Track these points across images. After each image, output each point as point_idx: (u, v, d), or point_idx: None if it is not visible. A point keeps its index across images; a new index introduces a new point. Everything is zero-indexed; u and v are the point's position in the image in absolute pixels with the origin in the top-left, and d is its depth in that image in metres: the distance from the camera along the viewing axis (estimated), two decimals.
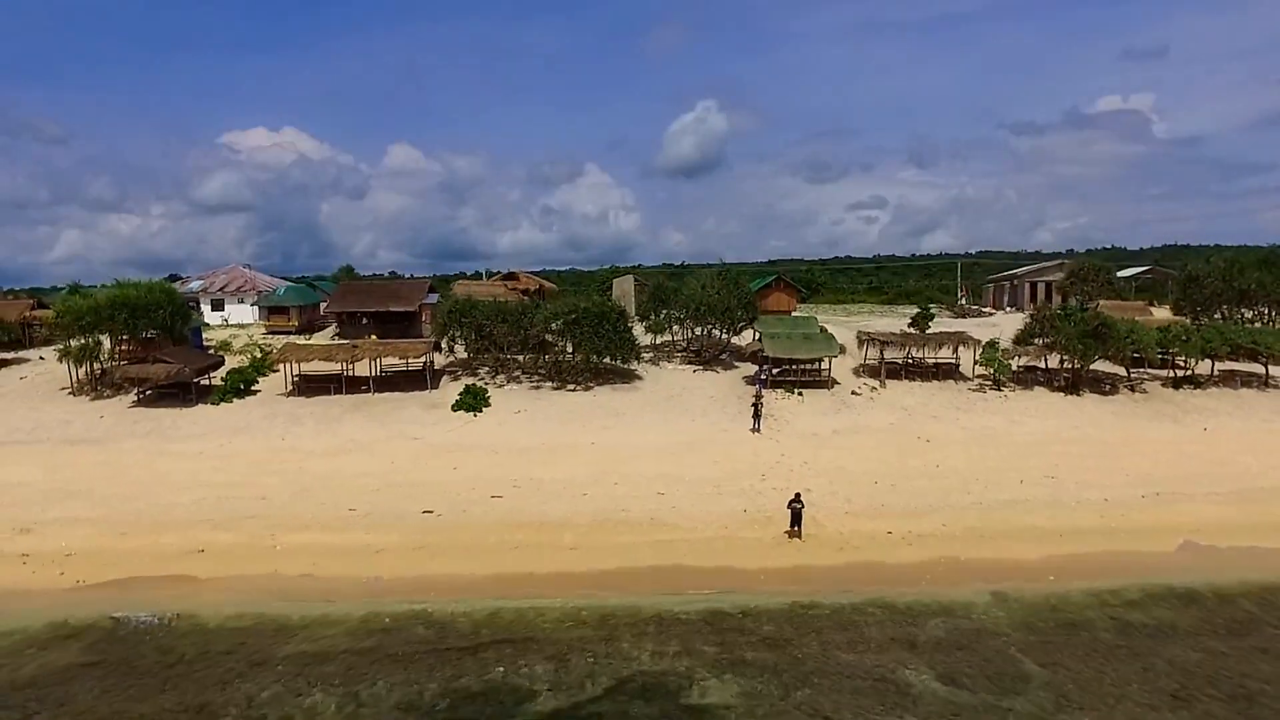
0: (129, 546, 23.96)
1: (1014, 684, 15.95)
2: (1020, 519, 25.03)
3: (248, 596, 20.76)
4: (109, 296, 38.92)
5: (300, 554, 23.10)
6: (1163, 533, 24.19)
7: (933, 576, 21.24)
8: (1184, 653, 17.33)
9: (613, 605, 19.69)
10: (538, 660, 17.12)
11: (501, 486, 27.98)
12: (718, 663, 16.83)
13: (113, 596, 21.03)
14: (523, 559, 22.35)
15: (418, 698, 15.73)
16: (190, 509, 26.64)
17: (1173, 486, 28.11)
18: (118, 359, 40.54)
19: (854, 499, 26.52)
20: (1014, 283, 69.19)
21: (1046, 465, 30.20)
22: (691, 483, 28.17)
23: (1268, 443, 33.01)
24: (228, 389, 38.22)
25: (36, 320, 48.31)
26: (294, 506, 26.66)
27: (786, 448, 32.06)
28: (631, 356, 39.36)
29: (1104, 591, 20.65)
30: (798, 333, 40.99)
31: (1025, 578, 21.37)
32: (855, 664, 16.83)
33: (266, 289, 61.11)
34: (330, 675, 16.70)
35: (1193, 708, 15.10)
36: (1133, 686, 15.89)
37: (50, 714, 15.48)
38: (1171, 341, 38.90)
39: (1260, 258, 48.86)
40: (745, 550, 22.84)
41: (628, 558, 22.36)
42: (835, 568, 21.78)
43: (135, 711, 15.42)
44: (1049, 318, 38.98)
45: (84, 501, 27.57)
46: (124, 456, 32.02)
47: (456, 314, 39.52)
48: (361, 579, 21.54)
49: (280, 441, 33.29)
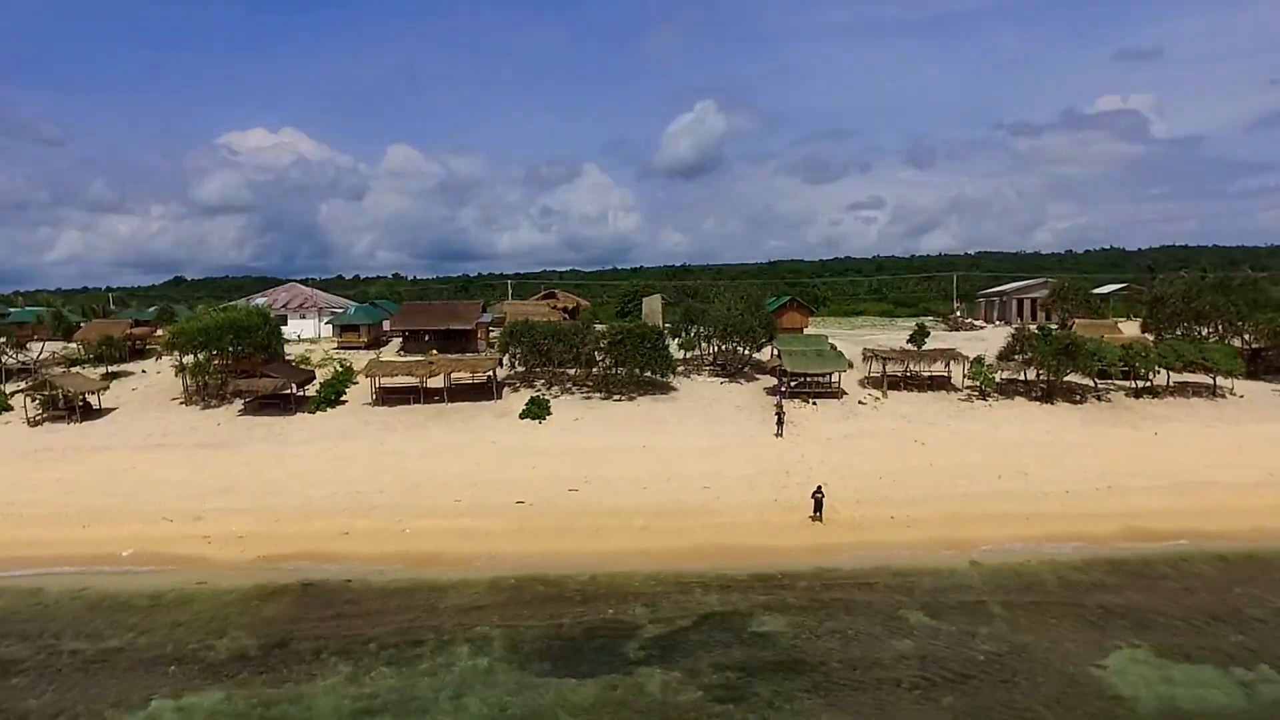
0: (287, 531, 30.23)
1: (980, 618, 22.28)
2: (996, 506, 31.35)
3: (395, 567, 27.03)
4: (218, 319, 45.19)
5: (426, 535, 29.37)
6: (1109, 517, 30.49)
7: (925, 549, 27.54)
8: (1107, 598, 23.65)
9: (683, 570, 25.98)
10: (635, 605, 23.43)
11: (574, 482, 34.30)
12: (768, 605, 23.16)
13: (291, 566, 27.29)
14: (605, 538, 28.63)
15: (557, 628, 22.03)
16: (325, 501, 32.94)
17: (1123, 480, 34.45)
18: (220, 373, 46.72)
19: (862, 491, 32.82)
20: (1003, 298, 75.53)
21: (1021, 463, 36.51)
22: (730, 479, 34.49)
23: (1207, 444, 39.42)
24: (322, 399, 44.53)
25: (135, 337, 54.61)
26: (409, 499, 32.97)
27: (805, 449, 38.38)
28: (668, 370, 45.71)
29: (1057, 560, 26.94)
30: (811, 350, 47.36)
31: (998, 550, 27.64)
32: (867, 605, 23.18)
33: (324, 305, 67.46)
34: (487, 615, 22.98)
35: (1105, 630, 21.43)
36: (1066, 619, 22.22)
37: (309, 641, 21.66)
38: (1133, 358, 45.25)
39: (1215, 282, 55.04)
40: (779, 531, 29.17)
41: (687, 538, 28.64)
42: (849, 544, 28.06)
43: (366, 634, 21.72)
44: (1027, 337, 45.32)
45: (234, 496, 33.85)
46: (254, 458, 38.32)
47: (517, 334, 45.85)
48: (481, 554, 27.80)
49: (380, 445, 39.60)
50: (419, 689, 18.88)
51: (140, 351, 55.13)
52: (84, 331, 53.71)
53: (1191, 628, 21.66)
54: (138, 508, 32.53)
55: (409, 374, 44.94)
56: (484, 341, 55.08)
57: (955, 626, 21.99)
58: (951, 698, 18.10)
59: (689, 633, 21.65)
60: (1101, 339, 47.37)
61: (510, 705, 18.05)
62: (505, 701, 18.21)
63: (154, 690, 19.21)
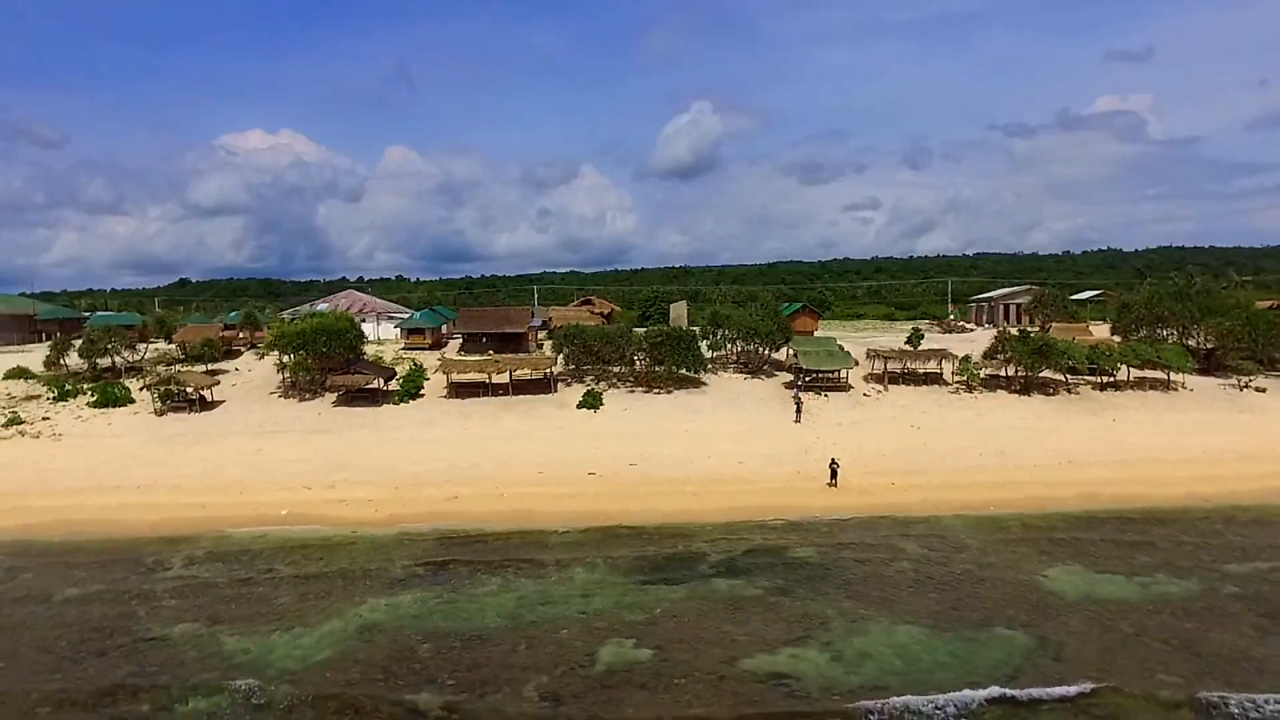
0: (406, 496, 37.66)
1: (959, 549, 29.76)
2: (976, 477, 38.84)
3: (503, 522, 34.41)
4: (313, 324, 52.64)
5: (521, 499, 36.81)
6: (1067, 485, 37.93)
7: (919, 507, 34.98)
8: (1056, 536, 31.12)
9: (730, 521, 33.44)
10: (699, 542, 30.90)
11: (632, 459, 41.74)
12: (799, 542, 30.65)
13: (421, 522, 34.67)
14: (665, 500, 36.06)
15: (643, 557, 29.47)
16: (430, 474, 40.35)
17: (1082, 457, 41.95)
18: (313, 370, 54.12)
19: (868, 465, 40.26)
20: (991, 304, 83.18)
21: (999, 445, 44.00)
22: (759, 456, 41.96)
23: (1156, 429, 46.94)
24: (404, 393, 52.00)
25: (226, 340, 62.07)
26: (499, 472, 40.38)
27: (819, 433, 45.85)
28: (700, 368, 53.20)
29: (1023, 515, 34.31)
30: (822, 350, 54.87)
31: (976, 508, 35.01)
32: (873, 541, 30.68)
33: (381, 310, 74.94)
34: (588, 550, 30.41)
35: (1051, 556, 28.89)
36: (1023, 549, 29.70)
37: (460, 566, 29.06)
38: (1098, 357, 52.77)
39: (1175, 290, 62.46)
40: (803, 494, 36.64)
41: (730, 500, 36.07)
42: (859, 503, 35.48)
43: (501, 562, 29.18)
44: (1008, 339, 52.82)
45: (353, 471, 41.25)
46: (358, 442, 45.75)
47: (570, 336, 53.35)
48: (569, 511, 35.20)
49: (463, 431, 47.06)
50: (554, 593, 26.32)
51: (229, 352, 62.61)
52: (183, 334, 61.18)
53: (1114, 555, 29.15)
54: (277, 480, 39.97)
55: (479, 371, 52.42)
56: (533, 343, 62.52)
57: (940, 553, 29.47)
58: (935, 593, 25.58)
59: (742, 559, 29.14)
60: (1073, 340, 54.91)
61: (625, 599, 25.49)
62: (620, 599, 25.64)
63: (359, 596, 26.61)
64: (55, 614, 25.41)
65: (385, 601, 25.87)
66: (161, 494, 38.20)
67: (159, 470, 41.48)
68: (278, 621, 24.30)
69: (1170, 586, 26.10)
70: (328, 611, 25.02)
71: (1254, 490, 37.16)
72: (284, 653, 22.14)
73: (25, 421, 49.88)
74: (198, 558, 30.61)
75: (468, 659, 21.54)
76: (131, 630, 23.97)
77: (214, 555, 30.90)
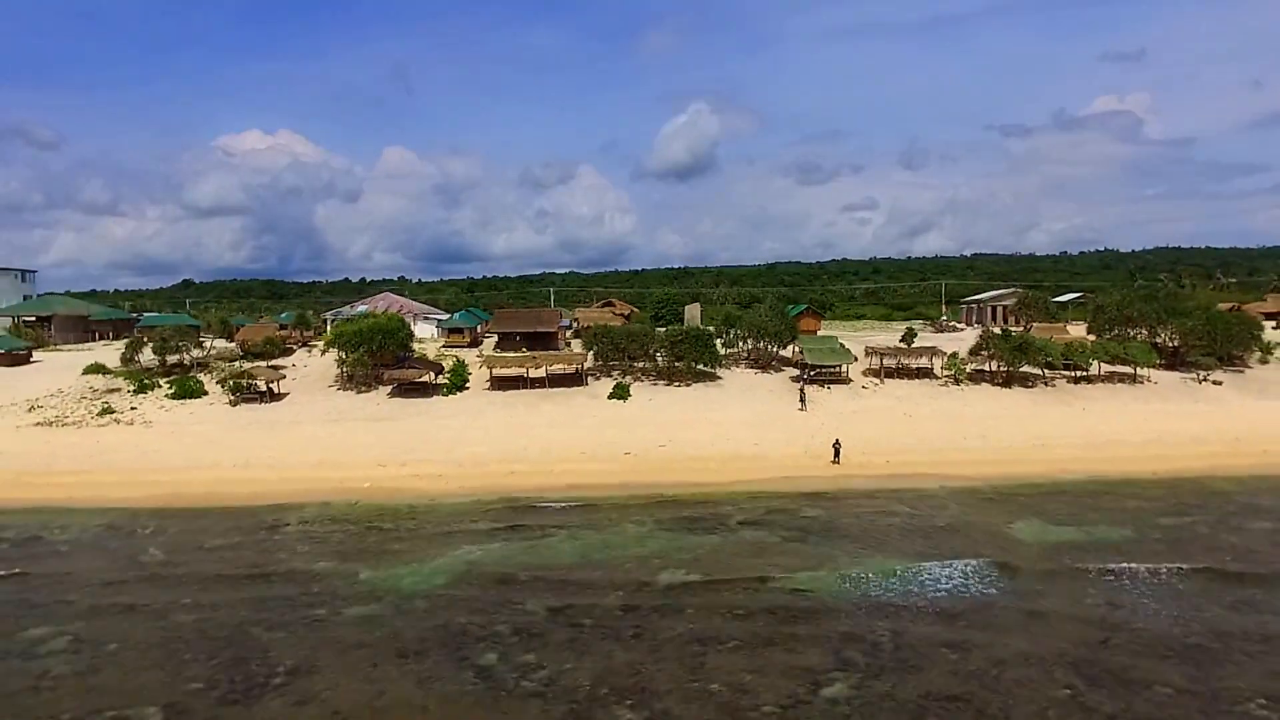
0: (469, 472, 43.76)
1: (942, 509, 35.95)
2: (959, 455, 45.00)
3: (557, 491, 40.46)
4: (370, 324, 58.78)
5: (569, 474, 42.86)
6: (1036, 462, 44.11)
7: (909, 480, 41.16)
8: (1022, 500, 37.33)
9: (750, 490, 39.61)
10: (725, 506, 37.05)
11: (661, 441, 47.88)
12: (809, 505, 36.80)
13: (487, 492, 40.77)
14: (693, 474, 42.20)
15: (681, 517, 35.62)
16: (487, 454, 46.44)
17: (1052, 440, 48.18)
18: (367, 366, 60.19)
19: (866, 446, 46.40)
20: (980, 305, 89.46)
21: (981, 429, 50.23)
22: (771, 439, 48.15)
23: (1120, 416, 53.19)
24: (452, 385, 58.14)
25: (282, 339, 68.21)
26: (547, 453, 46.49)
27: (823, 420, 52.02)
28: (716, 363, 59.39)
29: (997, 485, 40.45)
30: (825, 347, 61.09)
31: (963, 483, 41.03)
32: (870, 506, 36.87)
33: (418, 311, 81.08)
34: (634, 512, 36.53)
35: (1017, 513, 35.08)
36: (995, 508, 35.92)
37: (532, 523, 35.17)
38: (1072, 353, 59.02)
39: (1144, 294, 68.59)
40: (811, 468, 42.82)
41: (748, 474, 42.23)
42: (858, 475, 41.63)
43: (564, 521, 35.33)
44: (991, 338, 59.05)
45: (418, 451, 47.32)
46: (416, 427, 51.88)
47: (599, 335, 59.51)
48: (612, 483, 41.33)
49: (509, 418, 53.22)
50: (613, 541, 32.45)
51: (284, 350, 68.71)
52: (244, 333, 67.32)
53: (1069, 513, 35.36)
54: (354, 459, 46.06)
55: (520, 366, 58.60)
56: (562, 341, 68.70)
57: (925, 513, 35.65)
58: (920, 539, 31.78)
59: (762, 517, 35.31)
60: (1050, 339, 61.19)
61: (671, 544, 31.62)
62: (667, 544, 31.76)
63: (455, 544, 32.66)
64: (215, 555, 31.54)
65: (478, 548, 31.96)
66: (257, 471, 44.33)
67: (247, 452, 47.59)
68: (397, 560, 30.42)
69: (1110, 533, 32.35)
70: (434, 555, 31.14)
71: (1199, 466, 43.35)
72: (410, 581, 28.25)
73: (116, 411, 56.00)
74: (308, 519, 36.74)
75: (556, 582, 27.67)
76: (282, 564, 30.10)
77: (321, 517, 37.02)
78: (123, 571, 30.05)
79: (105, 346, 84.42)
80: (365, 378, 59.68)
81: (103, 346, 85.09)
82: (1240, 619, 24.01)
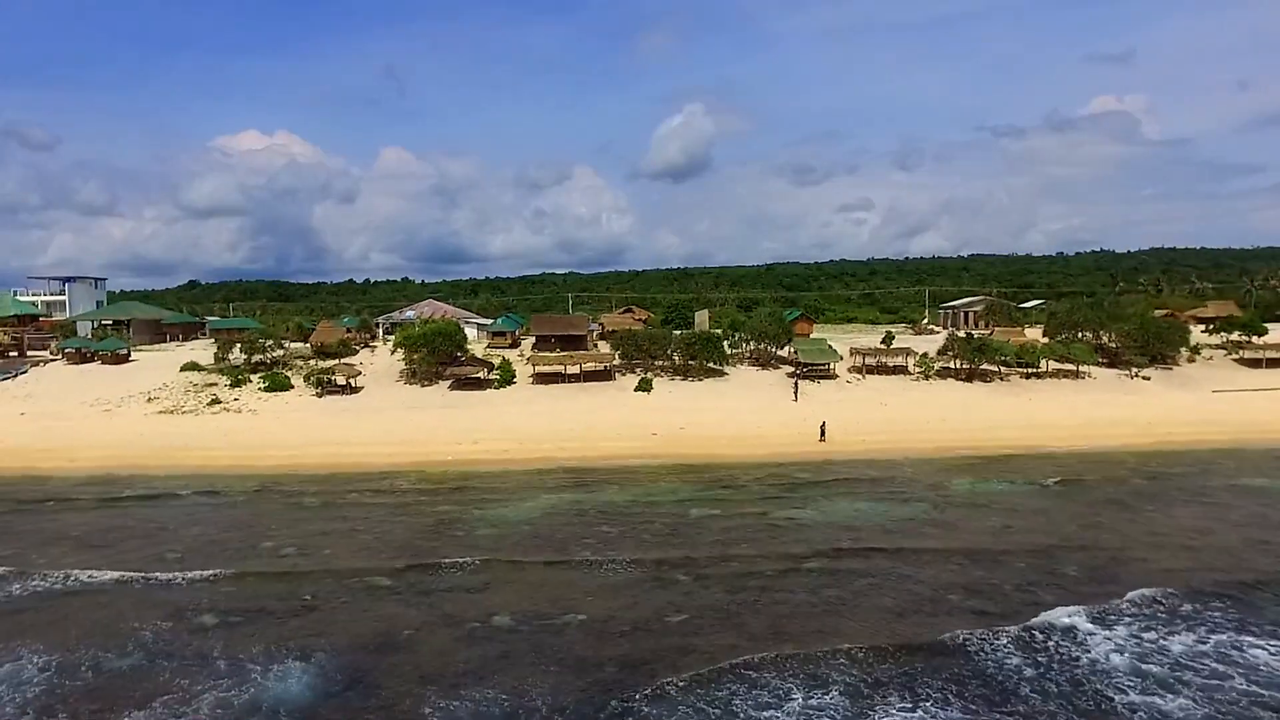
0: (530, 447, 54.53)
1: (901, 472, 47.02)
2: (923, 435, 55.98)
3: (603, 460, 51.40)
4: (431, 329, 69.82)
5: (609, 449, 53.66)
6: (985, 440, 55.09)
7: (880, 453, 52.17)
8: (966, 466, 48.43)
9: (755, 461, 50.64)
10: (736, 472, 48.03)
11: (680, 424, 58.87)
12: (800, 471, 47.84)
13: (547, 461, 51.69)
14: (709, 449, 53.18)
15: (702, 478, 46.65)
16: (540, 434, 57.32)
17: (1002, 423, 59.20)
18: (429, 363, 71.11)
19: (847, 428, 57.36)
20: (955, 310, 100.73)
21: (943, 415, 61.28)
22: (770, 423, 59.18)
23: (1059, 405, 64.28)
24: (502, 380, 69.17)
25: (348, 340, 79.30)
26: (589, 434, 57.43)
27: (813, 408, 62.99)
28: (724, 361, 70.44)
29: (957, 458, 51.32)
30: (816, 348, 72.15)
31: (922, 455, 51.97)
32: (849, 471, 47.94)
33: (461, 317, 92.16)
34: (665, 475, 47.50)
35: (960, 474, 46.15)
36: (944, 472, 46.97)
37: (590, 480, 46.13)
38: (1024, 353, 70.10)
39: (1090, 303, 79.64)
40: (802, 445, 53.83)
41: (753, 449, 53.24)
42: (840, 451, 52.63)
43: (613, 480, 46.36)
44: (955, 340, 70.10)
45: (483, 432, 58.18)
46: (479, 415, 62.87)
47: (625, 338, 70.50)
48: (645, 454, 52.40)
49: (554, 406, 64.23)
50: (654, 491, 43.45)
51: (350, 350, 79.73)
52: (318, 335, 78.38)
53: (997, 473, 46.46)
54: (433, 438, 57.01)
55: (559, 364, 69.67)
56: (590, 342, 79.76)
57: (889, 474, 46.66)
58: (883, 490, 42.83)
59: (763, 479, 46.31)
60: (1007, 340, 72.28)
61: (698, 495, 42.55)
62: (695, 494, 42.70)
63: (534, 495, 43.56)
64: (358, 502, 42.53)
65: (553, 497, 42.98)
66: (356, 447, 55.26)
67: (344, 432, 58.61)
68: (498, 504, 41.39)
69: (1019, 486, 43.45)
70: (523, 500, 42.19)
71: (1113, 444, 54.37)
72: (511, 515, 39.18)
73: (223, 401, 67.03)
74: (414, 480, 47.68)
75: (617, 515, 38.62)
76: (412, 508, 41.11)
77: (425, 479, 47.98)
78: (295, 512, 41.01)
79: (179, 347, 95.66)
80: (428, 373, 70.71)
81: (175, 347, 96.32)
82: (1075, 509, 35.05)
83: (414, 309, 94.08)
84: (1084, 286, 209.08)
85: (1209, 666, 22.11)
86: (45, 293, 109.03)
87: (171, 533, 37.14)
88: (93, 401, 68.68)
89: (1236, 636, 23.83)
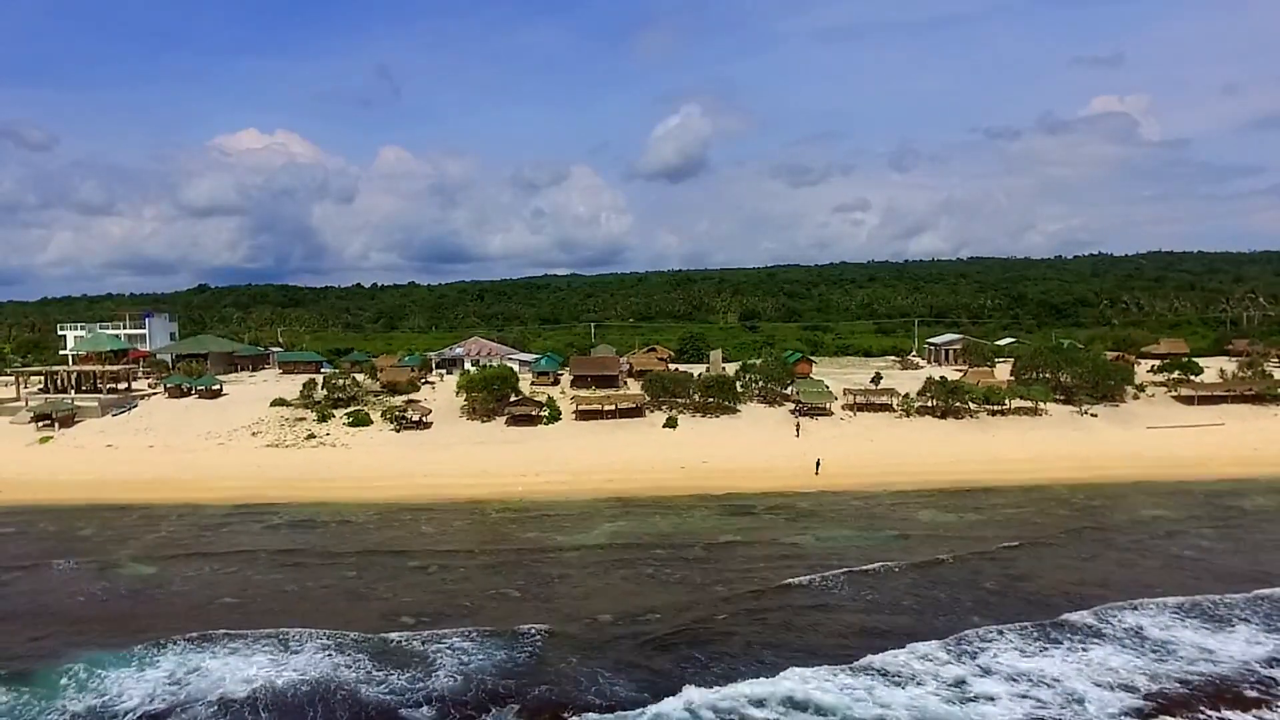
0: (582, 479, 67.54)
1: (880, 502, 60.02)
2: (903, 468, 68.88)
3: (645, 492, 64.37)
4: (491, 373, 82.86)
5: (645, 481, 66.66)
6: (950, 473, 68.04)
7: (866, 486, 65.11)
8: (931, 498, 61.38)
9: (764, 490, 63.65)
10: (752, 500, 61.04)
11: (703, 458, 71.90)
12: (800, 500, 60.85)
13: (599, 493, 64.66)
14: (728, 481, 66.15)
15: (723, 505, 59.66)
16: (592, 467, 70.19)
17: (967, 457, 72.18)
18: (487, 402, 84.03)
19: (841, 463, 70.29)
20: (937, 347, 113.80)
21: (919, 450, 74.23)
22: (777, 456, 72.16)
23: (1016, 440, 77.25)
24: (550, 417, 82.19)
25: (413, 379, 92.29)
26: (630, 465, 70.37)
27: (812, 443, 75.97)
28: (737, 401, 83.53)
29: (927, 489, 64.11)
30: (815, 390, 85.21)
31: (899, 487, 64.90)
32: (836, 501, 60.95)
33: (503, 352, 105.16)
34: (696, 504, 60.49)
35: (924, 505, 59.13)
36: (915, 504, 59.95)
37: (641, 509, 59.09)
38: (990, 394, 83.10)
39: (1052, 346, 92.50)
40: (802, 478, 66.75)
41: (762, 481, 66.19)
42: (834, 484, 65.51)
43: (656, 510, 59.41)
44: (932, 383, 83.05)
45: (541, 465, 71.12)
46: (535, 448, 75.82)
47: (654, 380, 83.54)
48: (676, 486, 65.38)
49: (594, 441, 77.18)
50: (689, 520, 56.38)
51: (415, 387, 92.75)
52: (386, 374, 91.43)
53: (956, 506, 59.38)
54: (502, 470, 69.98)
55: (599, 403, 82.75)
56: (622, 379, 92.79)
57: (869, 507, 59.62)
58: (864, 520, 55.78)
59: (771, 507, 59.30)
60: (977, 383, 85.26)
61: (722, 522, 55.52)
62: (719, 521, 55.72)
63: (596, 522, 56.51)
64: (461, 530, 55.53)
65: (611, 525, 55.97)
66: (442, 479, 68.16)
67: (428, 466, 71.54)
68: (571, 531, 54.38)
69: (972, 516, 56.47)
70: (590, 528, 55.18)
71: (1058, 475, 67.36)
72: (582, 539, 52.17)
73: (317, 436, 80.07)
74: (498, 509, 60.71)
75: (666, 539, 51.60)
76: (504, 537, 54.07)
77: (508, 508, 60.97)
78: (415, 539, 53.93)
79: (250, 377, 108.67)
80: (486, 410, 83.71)
81: (247, 377, 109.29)
82: (1002, 529, 47.89)
83: (462, 346, 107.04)
84: (1079, 295, 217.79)
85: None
86: (126, 326, 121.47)
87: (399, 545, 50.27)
88: (205, 435, 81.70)
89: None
